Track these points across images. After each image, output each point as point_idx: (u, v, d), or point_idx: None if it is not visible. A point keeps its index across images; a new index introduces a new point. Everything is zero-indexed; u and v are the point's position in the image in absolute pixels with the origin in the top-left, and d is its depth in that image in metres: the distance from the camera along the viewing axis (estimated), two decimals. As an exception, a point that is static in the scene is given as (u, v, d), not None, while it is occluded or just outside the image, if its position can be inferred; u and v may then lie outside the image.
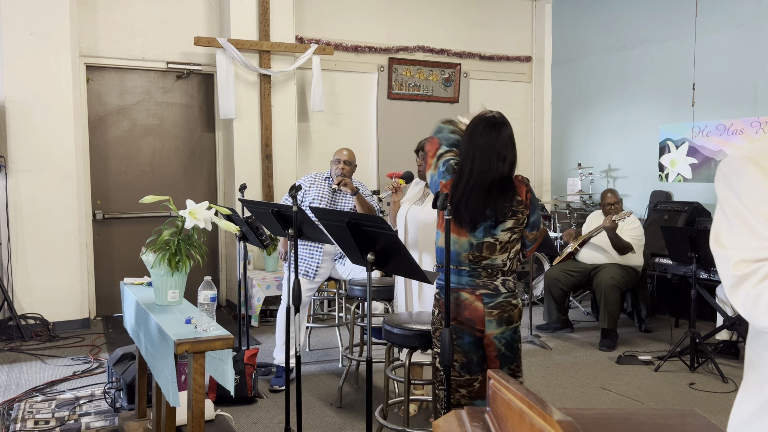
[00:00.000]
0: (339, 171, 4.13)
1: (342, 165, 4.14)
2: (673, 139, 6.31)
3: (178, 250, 2.61)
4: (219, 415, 3.33)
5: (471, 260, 2.46)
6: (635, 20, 6.68)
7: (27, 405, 3.69)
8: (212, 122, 6.37)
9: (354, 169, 4.21)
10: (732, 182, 1.16)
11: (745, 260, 1.13)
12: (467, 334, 2.46)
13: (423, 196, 3.49)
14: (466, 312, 2.44)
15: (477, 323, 2.44)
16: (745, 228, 1.14)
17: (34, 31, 5.23)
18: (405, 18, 7.13)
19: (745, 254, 1.13)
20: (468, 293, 2.45)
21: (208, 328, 2.29)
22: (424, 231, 3.38)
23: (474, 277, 2.45)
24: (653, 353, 4.70)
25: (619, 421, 0.79)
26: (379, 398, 3.79)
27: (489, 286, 2.45)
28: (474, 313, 2.43)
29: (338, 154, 4.20)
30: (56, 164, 5.35)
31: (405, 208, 3.51)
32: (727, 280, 1.16)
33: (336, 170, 4.15)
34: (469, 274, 2.46)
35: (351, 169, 4.17)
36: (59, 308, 5.40)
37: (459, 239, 2.46)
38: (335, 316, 5.15)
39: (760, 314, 1.10)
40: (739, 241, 1.14)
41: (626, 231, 5.11)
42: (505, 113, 2.67)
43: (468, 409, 0.99)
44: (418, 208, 3.43)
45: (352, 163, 4.19)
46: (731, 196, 1.16)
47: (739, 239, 1.15)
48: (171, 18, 6.02)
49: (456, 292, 2.46)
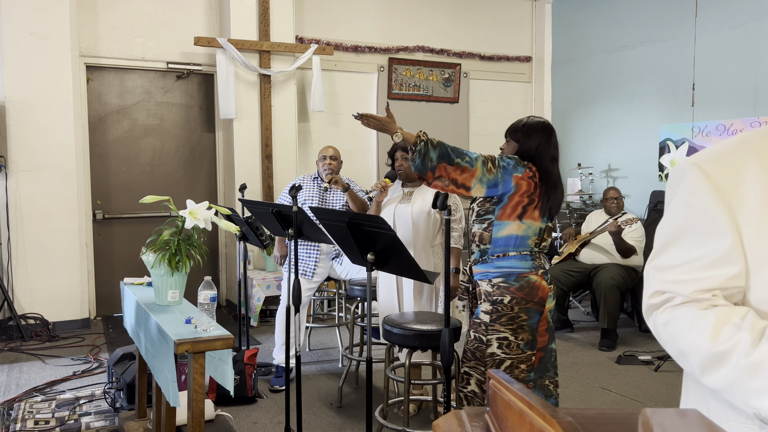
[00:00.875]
0: (327, 167, 4.14)
1: (329, 161, 4.15)
2: (673, 139, 6.31)
3: (178, 250, 2.61)
4: (219, 415, 3.33)
5: (535, 244, 2.60)
6: (635, 20, 6.68)
7: (27, 405, 3.69)
8: (212, 122, 6.37)
9: (340, 165, 4.24)
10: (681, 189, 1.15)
11: (660, 291, 1.16)
12: (537, 313, 2.57)
13: (407, 195, 3.51)
14: (540, 292, 2.57)
15: (545, 300, 2.60)
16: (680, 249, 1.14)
17: (34, 31, 5.23)
18: (405, 18, 7.13)
19: (666, 285, 1.15)
20: (535, 275, 2.57)
21: (208, 328, 2.29)
22: (416, 225, 3.41)
23: (534, 260, 2.60)
24: (653, 353, 4.70)
25: (619, 421, 0.78)
26: (379, 398, 3.79)
27: (544, 266, 2.65)
28: (543, 292, 2.58)
29: (323, 152, 4.22)
30: (56, 164, 5.35)
31: (391, 208, 3.54)
32: (644, 305, 1.20)
33: (323, 167, 4.16)
34: (531, 258, 2.59)
35: (338, 164, 4.20)
36: (59, 308, 5.40)
37: (533, 224, 2.57)
38: (335, 316, 5.15)
39: (664, 342, 1.16)
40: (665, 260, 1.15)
41: (628, 233, 5.12)
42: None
43: (468, 409, 0.99)
44: (406, 206, 3.46)
45: (338, 159, 4.22)
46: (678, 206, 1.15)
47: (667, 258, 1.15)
48: (171, 18, 6.02)
49: (525, 276, 2.56)
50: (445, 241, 2.33)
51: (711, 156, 1.13)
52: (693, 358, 1.09)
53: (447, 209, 2.29)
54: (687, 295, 1.11)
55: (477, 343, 2.58)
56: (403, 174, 3.54)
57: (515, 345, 2.54)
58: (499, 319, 2.55)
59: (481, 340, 2.57)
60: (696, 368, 1.09)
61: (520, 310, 2.54)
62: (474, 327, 2.61)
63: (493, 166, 2.46)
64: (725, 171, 1.10)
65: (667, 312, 1.14)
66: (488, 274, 2.59)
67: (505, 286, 2.56)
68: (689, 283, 1.11)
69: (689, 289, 1.11)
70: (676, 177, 1.16)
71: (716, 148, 1.15)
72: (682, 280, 1.12)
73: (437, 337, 2.85)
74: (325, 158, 4.18)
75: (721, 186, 1.09)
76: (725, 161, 1.11)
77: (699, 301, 1.10)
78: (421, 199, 3.44)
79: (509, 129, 2.69)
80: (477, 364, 2.58)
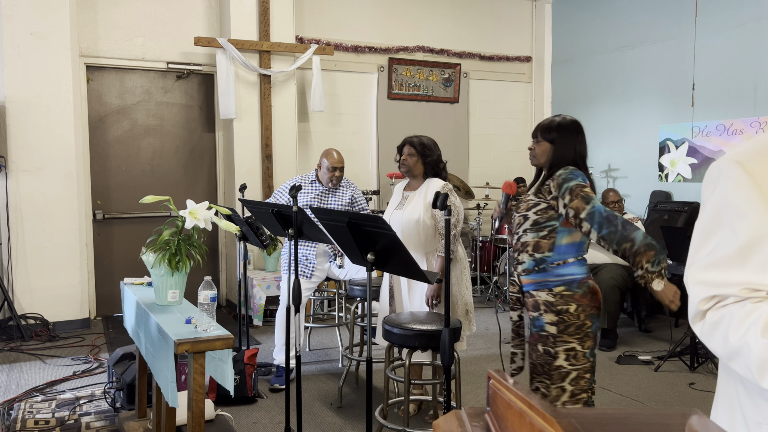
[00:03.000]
0: (335, 180, 4.08)
1: (338, 173, 4.08)
2: (673, 139, 6.31)
3: (178, 250, 2.61)
4: (219, 415, 3.33)
5: (586, 248, 2.58)
6: (635, 20, 6.68)
7: (27, 405, 3.69)
8: (212, 122, 6.37)
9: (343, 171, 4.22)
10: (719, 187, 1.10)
11: (711, 297, 1.10)
12: (597, 318, 2.53)
13: (403, 200, 3.52)
14: (598, 297, 2.53)
15: (600, 304, 2.57)
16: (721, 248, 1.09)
17: (34, 31, 5.23)
18: (405, 18, 7.13)
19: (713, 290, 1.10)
20: (591, 280, 2.54)
21: (208, 328, 2.29)
22: (406, 231, 3.41)
23: (586, 264, 2.57)
24: (653, 353, 4.70)
25: (619, 421, 0.78)
26: (379, 398, 3.79)
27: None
28: (599, 296, 2.55)
29: (333, 163, 4.06)
30: (56, 164, 5.35)
31: (388, 214, 3.54)
32: (691, 310, 1.15)
33: (330, 179, 4.09)
34: (585, 262, 2.56)
35: (343, 173, 4.17)
36: (59, 308, 5.40)
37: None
38: (335, 316, 5.15)
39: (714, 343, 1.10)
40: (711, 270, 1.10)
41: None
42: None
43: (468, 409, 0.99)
44: (400, 212, 3.46)
45: (344, 167, 4.18)
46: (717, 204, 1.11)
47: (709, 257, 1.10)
48: (171, 18, 6.02)
49: (585, 282, 2.50)
50: (446, 241, 2.32)
51: (751, 153, 1.09)
52: (747, 354, 1.02)
53: (447, 209, 2.29)
54: (737, 294, 1.06)
55: (546, 356, 2.48)
56: (406, 168, 3.51)
57: (581, 354, 2.46)
58: (567, 329, 2.46)
59: (549, 353, 2.47)
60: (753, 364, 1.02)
61: (585, 317, 2.46)
62: (541, 340, 2.49)
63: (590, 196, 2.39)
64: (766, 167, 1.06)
65: (718, 311, 1.08)
66: (548, 283, 2.48)
67: (568, 294, 2.47)
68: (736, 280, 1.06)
69: (737, 287, 1.06)
70: (714, 174, 1.12)
71: (755, 145, 1.10)
72: (727, 281, 1.07)
73: (437, 337, 2.85)
74: (334, 170, 4.05)
75: (763, 182, 1.05)
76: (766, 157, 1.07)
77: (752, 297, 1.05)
78: (412, 206, 3.42)
79: (541, 128, 2.57)
80: (545, 378, 2.49)
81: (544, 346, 2.48)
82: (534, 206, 2.49)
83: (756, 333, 1.01)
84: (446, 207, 2.28)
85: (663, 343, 5.02)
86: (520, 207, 2.56)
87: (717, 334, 1.08)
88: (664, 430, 0.76)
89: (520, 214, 2.54)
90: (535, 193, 2.53)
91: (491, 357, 4.73)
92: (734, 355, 1.05)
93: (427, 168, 3.49)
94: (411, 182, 3.57)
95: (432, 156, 3.48)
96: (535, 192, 2.54)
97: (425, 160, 3.47)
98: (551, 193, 2.45)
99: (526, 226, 2.52)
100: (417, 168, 3.49)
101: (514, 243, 2.59)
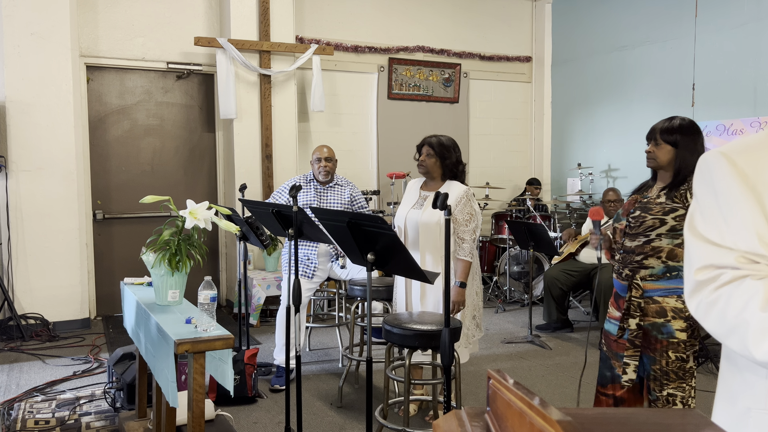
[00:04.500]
0: (322, 170, 4.11)
1: (324, 163, 4.12)
2: (673, 139, 6.30)
3: (178, 250, 2.61)
4: (219, 415, 3.33)
5: None
6: (635, 20, 6.68)
7: (27, 405, 3.69)
8: (212, 122, 6.37)
9: (335, 165, 4.23)
10: (706, 178, 1.19)
11: (708, 266, 1.15)
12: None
13: (421, 199, 3.49)
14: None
15: None
16: (714, 227, 1.16)
17: (34, 31, 5.23)
18: (405, 18, 7.13)
19: (710, 258, 1.14)
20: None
21: (208, 328, 2.29)
22: (424, 233, 3.38)
23: None
24: (653, 353, 4.70)
25: (619, 421, 0.79)
26: (379, 398, 3.79)
27: None
28: None
29: (318, 152, 4.15)
30: (56, 164, 5.35)
31: (404, 212, 3.50)
32: (688, 284, 1.18)
33: (318, 170, 4.12)
34: None
35: (333, 165, 4.18)
36: (59, 308, 5.40)
37: None
38: (335, 316, 5.15)
39: (710, 321, 1.13)
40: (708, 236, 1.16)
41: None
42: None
43: (468, 409, 0.99)
44: (418, 212, 3.42)
45: (333, 159, 4.19)
46: (706, 193, 1.19)
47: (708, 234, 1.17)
48: (171, 18, 6.02)
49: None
50: (445, 242, 2.32)
51: (738, 147, 1.17)
52: (743, 330, 1.05)
53: (447, 209, 2.29)
54: (734, 263, 1.11)
55: (680, 362, 2.47)
56: (424, 169, 3.46)
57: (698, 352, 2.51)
58: (693, 334, 2.47)
59: (682, 359, 2.47)
60: (749, 337, 1.05)
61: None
62: (671, 347, 2.47)
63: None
64: (751, 161, 1.14)
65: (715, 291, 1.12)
66: (677, 290, 2.46)
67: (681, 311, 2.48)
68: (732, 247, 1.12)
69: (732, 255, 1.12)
70: (703, 167, 1.20)
71: (743, 141, 1.19)
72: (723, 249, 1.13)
73: (437, 337, 2.85)
74: (320, 160, 4.12)
75: (746, 173, 1.13)
76: (752, 153, 1.15)
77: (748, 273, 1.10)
78: (431, 209, 3.35)
79: (661, 131, 2.50)
80: (680, 383, 2.49)
81: (676, 353, 2.47)
82: (671, 211, 2.45)
83: (755, 308, 1.05)
84: (446, 207, 2.28)
85: (663, 343, 5.02)
86: (652, 209, 2.49)
87: (714, 312, 1.11)
88: (664, 430, 0.76)
89: (655, 217, 2.47)
90: (669, 197, 2.48)
91: (491, 357, 4.73)
92: (731, 332, 1.08)
93: (445, 170, 3.43)
94: (429, 182, 3.51)
95: (451, 158, 3.42)
96: (669, 196, 2.48)
97: (444, 162, 3.41)
98: (688, 200, 2.43)
99: (661, 231, 2.46)
100: (435, 170, 3.44)
101: (635, 246, 2.52)
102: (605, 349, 2.67)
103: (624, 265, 2.56)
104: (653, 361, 2.50)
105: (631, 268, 2.52)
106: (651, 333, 2.50)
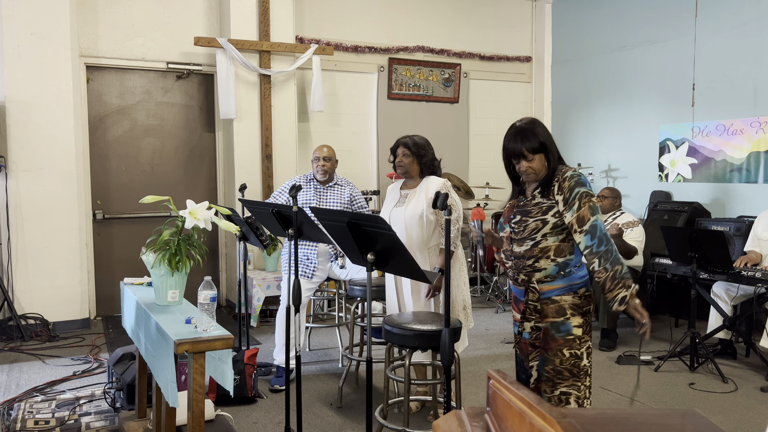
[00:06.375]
0: (320, 169, 4.14)
1: (322, 162, 4.14)
2: (673, 139, 6.31)
3: (178, 250, 2.61)
4: (219, 415, 3.33)
5: None
6: (635, 20, 6.68)
7: (27, 405, 3.69)
8: (212, 122, 6.37)
9: (335, 165, 4.24)
10: None
11: None
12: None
13: (403, 198, 3.54)
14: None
15: None
16: None
17: (34, 31, 5.23)
18: (405, 18, 7.13)
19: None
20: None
21: (208, 328, 2.29)
22: (410, 228, 3.43)
23: None
24: (653, 353, 4.70)
25: (619, 421, 0.79)
26: (379, 398, 3.79)
27: None
28: None
29: (317, 152, 4.19)
30: (56, 164, 5.35)
31: (386, 212, 3.56)
32: None
33: (317, 168, 4.15)
34: None
35: (332, 165, 4.20)
36: (59, 308, 5.40)
37: None
38: (335, 316, 5.15)
39: None
40: None
41: (629, 234, 5.11)
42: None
43: (468, 409, 0.99)
44: (401, 209, 3.49)
45: (332, 159, 4.20)
46: None
47: None
48: (171, 18, 6.02)
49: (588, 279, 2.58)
50: (446, 242, 2.32)
51: None
52: None
53: (447, 209, 2.29)
54: None
55: (574, 359, 2.47)
56: (402, 169, 3.55)
57: (591, 348, 2.53)
58: (587, 329, 2.49)
59: (576, 355, 2.47)
60: None
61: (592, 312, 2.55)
62: (567, 344, 2.46)
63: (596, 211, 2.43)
64: None
65: None
66: (573, 286, 2.47)
67: (588, 294, 2.49)
68: None
69: None
70: None
71: None
72: None
73: (437, 337, 2.85)
74: (319, 159, 4.16)
75: None
76: None
77: None
78: (414, 202, 3.46)
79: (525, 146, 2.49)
80: (574, 381, 2.48)
81: (570, 350, 2.47)
82: (549, 209, 2.44)
83: None
84: (446, 207, 2.28)
85: (663, 343, 5.02)
86: (531, 211, 2.47)
87: None
88: (664, 430, 0.76)
89: (536, 219, 2.45)
90: (544, 195, 2.47)
91: (491, 357, 4.73)
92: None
93: (423, 167, 3.55)
94: (407, 182, 3.60)
95: (427, 156, 3.54)
96: (543, 194, 2.47)
97: (421, 160, 3.52)
98: (560, 192, 2.42)
99: (545, 230, 2.44)
100: (413, 168, 3.54)
101: (524, 251, 2.48)
102: (518, 352, 2.64)
103: (518, 271, 2.52)
104: (546, 361, 2.49)
105: (526, 273, 2.50)
106: (549, 333, 2.49)
